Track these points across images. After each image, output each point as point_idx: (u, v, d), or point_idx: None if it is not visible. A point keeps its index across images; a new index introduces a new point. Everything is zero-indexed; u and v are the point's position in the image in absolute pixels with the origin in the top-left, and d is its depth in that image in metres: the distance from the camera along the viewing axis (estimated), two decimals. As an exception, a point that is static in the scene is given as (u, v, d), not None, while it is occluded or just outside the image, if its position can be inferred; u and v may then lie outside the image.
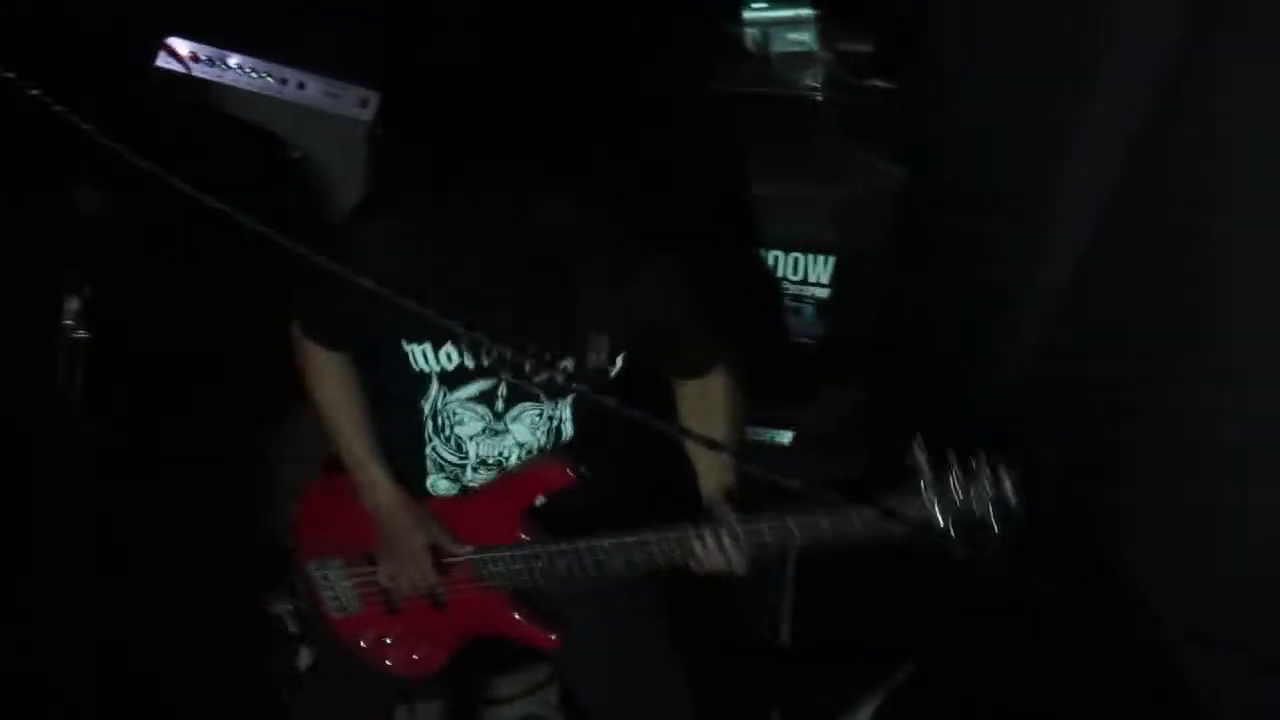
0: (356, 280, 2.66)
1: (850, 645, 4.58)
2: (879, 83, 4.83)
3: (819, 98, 4.80)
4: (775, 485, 2.59)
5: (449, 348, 3.51)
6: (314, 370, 3.74)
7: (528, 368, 3.56)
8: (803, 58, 4.85)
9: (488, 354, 3.52)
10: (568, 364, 3.53)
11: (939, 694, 4.40)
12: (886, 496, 3.22)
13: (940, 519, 3.17)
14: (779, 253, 4.68)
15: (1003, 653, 4.26)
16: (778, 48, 4.88)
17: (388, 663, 3.92)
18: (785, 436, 4.50)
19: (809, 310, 4.74)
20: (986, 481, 3.14)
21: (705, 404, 3.75)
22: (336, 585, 3.91)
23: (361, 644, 3.92)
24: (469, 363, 3.52)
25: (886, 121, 4.78)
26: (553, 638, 3.78)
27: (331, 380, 3.73)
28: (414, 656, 3.91)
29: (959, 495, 3.15)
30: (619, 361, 3.57)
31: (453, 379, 3.61)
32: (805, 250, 4.67)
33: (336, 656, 4.03)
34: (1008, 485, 3.13)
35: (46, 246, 4.19)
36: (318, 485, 4.00)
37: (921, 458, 3.17)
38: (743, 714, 4.57)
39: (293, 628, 4.58)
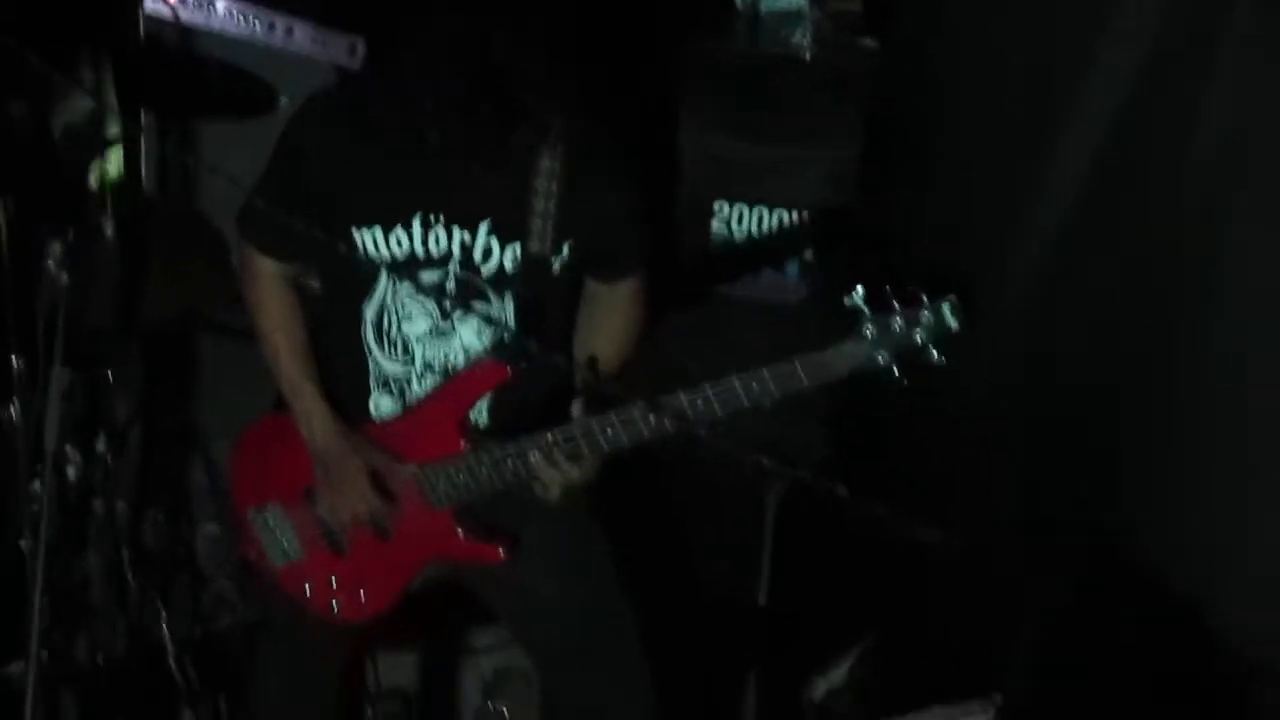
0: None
1: (825, 607, 4.64)
2: (868, 42, 4.85)
3: (806, 56, 4.80)
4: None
5: (399, 232, 3.56)
6: (258, 292, 3.81)
7: (476, 256, 3.62)
8: (792, 16, 4.86)
9: (436, 240, 3.58)
10: (514, 249, 3.60)
11: (908, 654, 4.45)
12: (831, 340, 3.31)
13: (881, 354, 3.28)
14: (762, 209, 4.72)
15: (966, 616, 4.28)
16: (767, 7, 4.91)
17: (334, 606, 3.91)
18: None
19: (793, 269, 4.78)
20: (925, 311, 3.25)
21: (607, 315, 3.83)
22: (277, 530, 3.92)
23: (308, 592, 3.92)
24: (419, 250, 3.57)
25: (874, 79, 4.78)
26: (499, 551, 3.77)
27: (275, 301, 3.79)
28: (361, 596, 3.90)
29: (899, 328, 3.26)
30: (564, 251, 3.62)
31: (403, 268, 3.65)
32: (788, 207, 4.72)
33: (285, 621, 4.05)
34: (946, 310, 3.25)
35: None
36: (252, 430, 4.03)
37: (860, 298, 3.26)
38: (721, 673, 4.66)
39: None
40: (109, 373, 4.39)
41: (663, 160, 4.67)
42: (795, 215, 4.74)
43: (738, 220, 4.76)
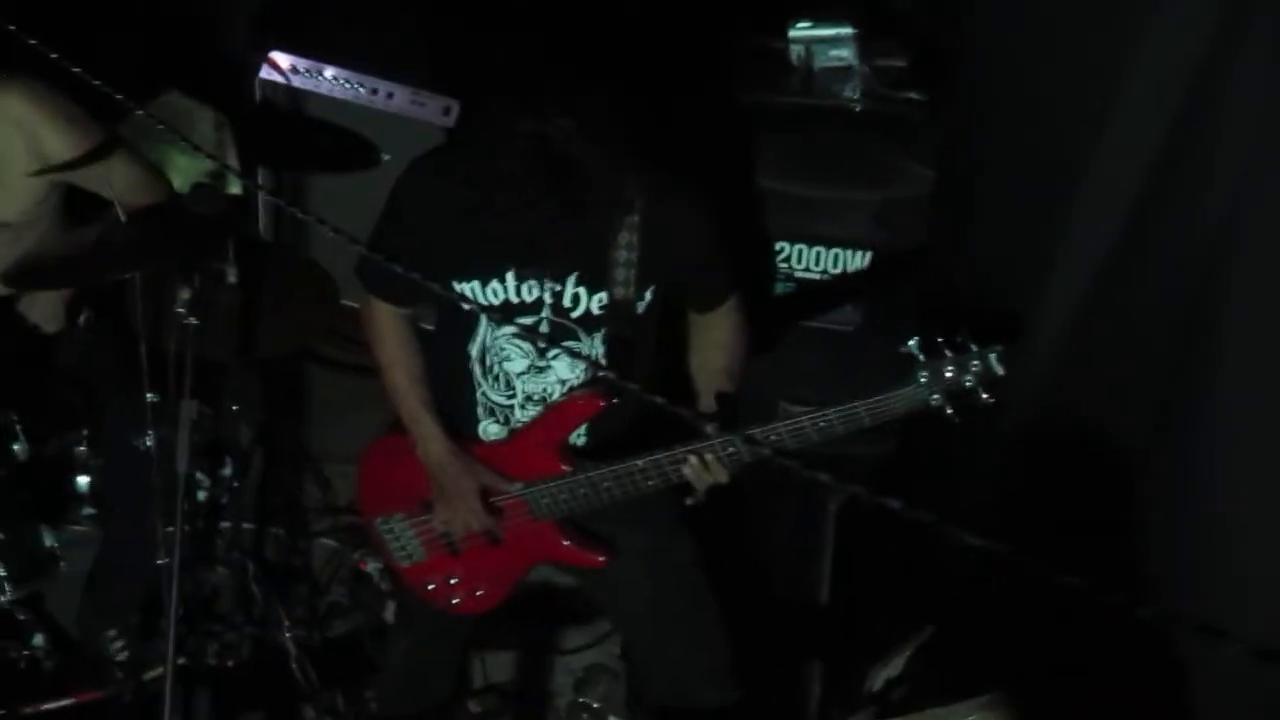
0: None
1: (883, 603, 4.73)
2: (912, 94, 4.96)
3: (857, 108, 4.93)
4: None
5: (495, 284, 3.78)
6: (378, 330, 4.04)
7: (565, 302, 3.84)
8: (842, 71, 4.99)
9: (528, 290, 3.78)
10: (600, 297, 3.83)
11: (962, 651, 4.46)
12: (888, 384, 3.54)
13: (935, 397, 3.51)
14: (820, 248, 4.88)
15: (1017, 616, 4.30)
16: (820, 63, 5.01)
17: (454, 601, 4.19)
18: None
19: (846, 301, 4.95)
20: (975, 359, 3.47)
21: (712, 334, 4.04)
22: (401, 536, 4.19)
23: (429, 588, 4.19)
24: (513, 298, 3.78)
25: (919, 129, 4.90)
26: (600, 558, 4.04)
27: (392, 339, 4.02)
28: (478, 593, 4.18)
29: (951, 374, 3.48)
30: (647, 295, 3.85)
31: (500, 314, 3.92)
32: (844, 246, 4.86)
33: (413, 605, 4.32)
34: (992, 359, 3.47)
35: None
36: (375, 447, 4.27)
37: (915, 346, 3.50)
38: (789, 663, 4.76)
39: (382, 584, 4.89)
40: (232, 404, 4.54)
41: (730, 203, 4.51)
42: (848, 253, 4.88)
43: (797, 258, 4.91)
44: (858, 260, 4.89)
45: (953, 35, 5.09)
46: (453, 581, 4.19)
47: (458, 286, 3.83)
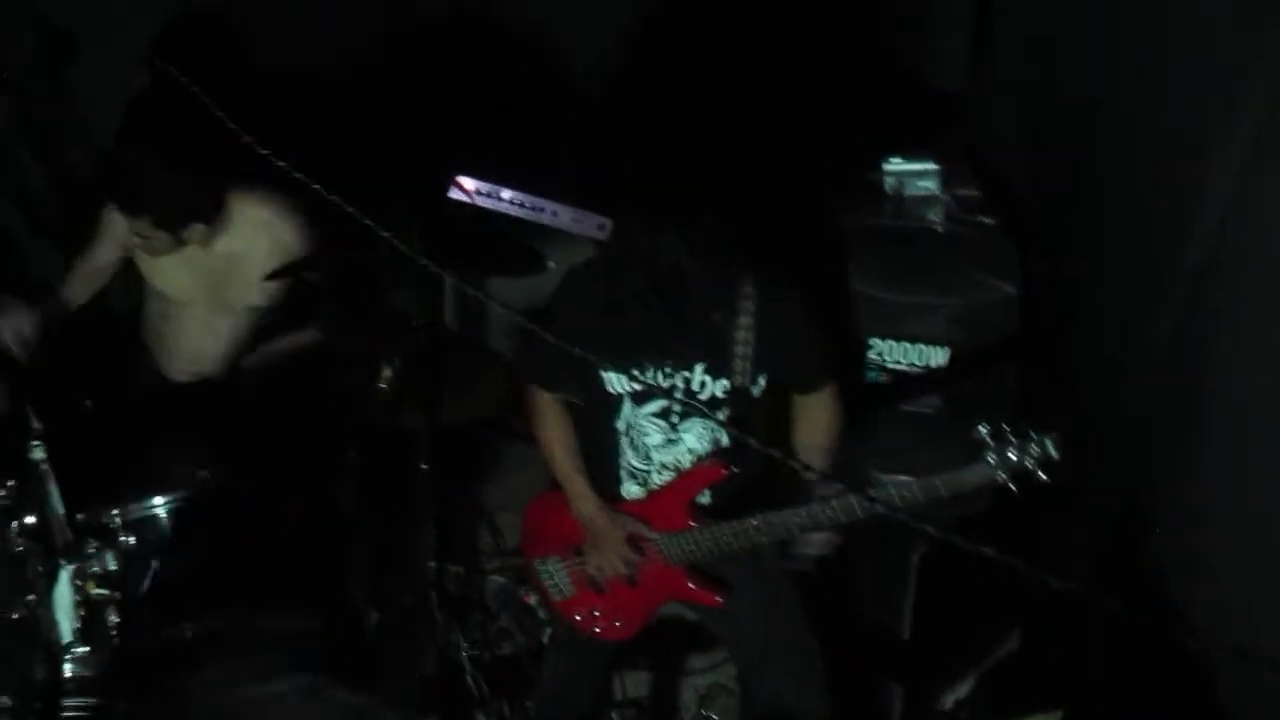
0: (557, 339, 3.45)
1: (963, 633, 5.07)
2: (985, 219, 5.31)
3: (940, 229, 5.28)
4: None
5: (634, 372, 4.16)
6: (538, 412, 4.44)
7: (694, 387, 4.19)
8: (928, 199, 5.34)
9: (658, 386, 4.18)
10: (723, 383, 4.19)
11: (1023, 674, 4.91)
12: (961, 462, 3.91)
13: (1000, 475, 3.83)
14: (906, 343, 5.13)
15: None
16: (909, 191, 5.35)
17: (597, 630, 4.55)
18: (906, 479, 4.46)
19: (927, 389, 5.18)
20: (1034, 445, 3.80)
21: (812, 414, 4.40)
22: (555, 575, 4.58)
23: (577, 618, 4.56)
24: (650, 383, 4.16)
25: (992, 246, 5.20)
26: (718, 599, 4.37)
27: (550, 419, 4.43)
28: (616, 624, 4.54)
29: (1015, 457, 3.82)
30: (761, 381, 4.22)
31: (639, 397, 4.25)
32: (926, 343, 5.11)
33: (565, 632, 4.67)
34: (1049, 445, 3.80)
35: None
36: (535, 502, 4.68)
37: (985, 433, 3.85)
38: (871, 689, 5.07)
39: (541, 613, 5.22)
40: (422, 463, 4.77)
41: (831, 306, 4.92)
42: (930, 348, 5.14)
43: (888, 352, 5.17)
44: (938, 355, 5.12)
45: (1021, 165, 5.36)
46: (596, 614, 4.55)
47: (603, 375, 4.24)
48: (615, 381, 4.25)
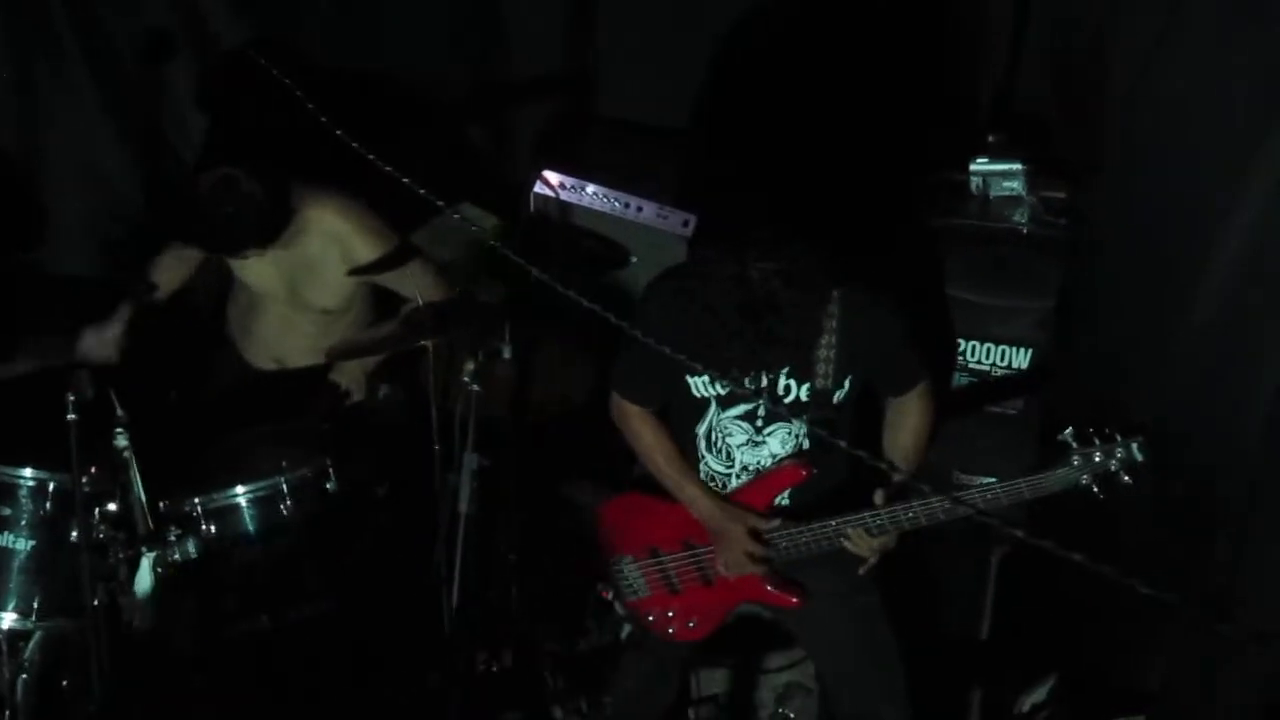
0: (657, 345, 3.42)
1: (1040, 637, 5.13)
2: (1071, 221, 5.23)
3: (1025, 230, 5.23)
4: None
5: (720, 379, 4.16)
6: (632, 426, 4.45)
7: (779, 391, 4.21)
8: (1014, 200, 5.28)
9: (748, 387, 4.17)
10: (807, 387, 4.21)
11: (1098, 680, 4.94)
12: (1045, 466, 3.95)
13: (1084, 477, 3.87)
14: (990, 345, 5.18)
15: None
16: (995, 193, 5.29)
17: (670, 631, 4.55)
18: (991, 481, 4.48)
19: (1011, 390, 5.20)
20: (1119, 448, 3.85)
21: (904, 415, 4.38)
22: (630, 576, 4.58)
23: (650, 619, 4.57)
24: (737, 388, 4.17)
25: (1077, 249, 5.17)
26: (794, 600, 4.38)
27: (647, 431, 4.43)
28: (690, 625, 4.54)
29: (1099, 460, 3.86)
30: (846, 385, 4.21)
31: (725, 401, 4.28)
32: (1010, 344, 5.15)
33: (641, 630, 4.65)
34: (1134, 448, 3.85)
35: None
36: (611, 504, 4.66)
37: (1070, 436, 3.89)
38: (948, 691, 5.05)
39: (619, 610, 4.90)
40: (502, 456, 4.78)
41: (918, 307, 4.81)
42: (1014, 350, 5.17)
43: (971, 353, 5.22)
44: (1021, 357, 5.17)
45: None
46: (670, 614, 4.56)
47: (690, 381, 4.27)
48: (701, 386, 4.27)
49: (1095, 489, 3.89)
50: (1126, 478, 3.87)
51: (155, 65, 6.12)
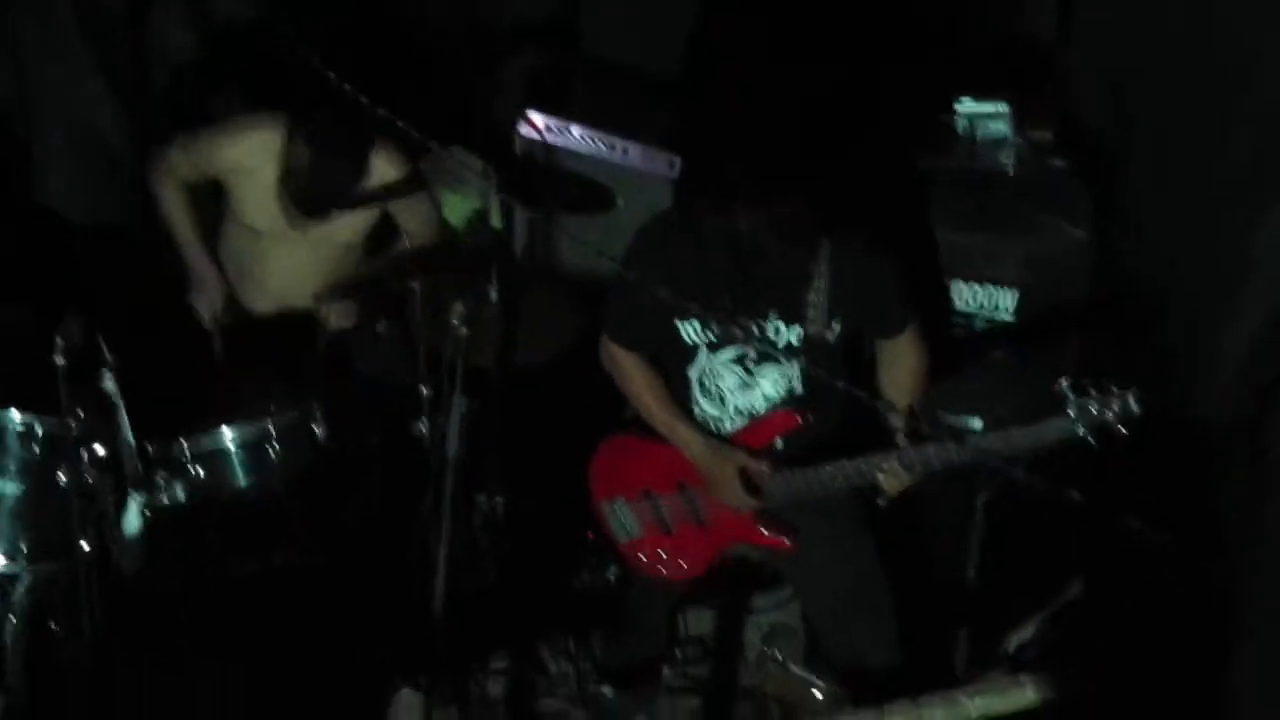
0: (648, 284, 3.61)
1: (1022, 581, 5.08)
2: (1058, 162, 5.27)
3: (1011, 172, 5.25)
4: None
5: (710, 322, 4.24)
6: (623, 370, 4.53)
7: (769, 334, 4.25)
8: (1000, 141, 5.29)
9: (739, 328, 4.23)
10: (796, 329, 4.27)
11: (1093, 618, 4.89)
12: (1042, 417, 3.96)
13: (1080, 428, 3.89)
14: (975, 285, 5.19)
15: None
16: (980, 134, 5.31)
17: (662, 570, 4.64)
18: (976, 422, 4.90)
19: (996, 331, 5.19)
20: (1116, 399, 3.86)
21: (897, 357, 4.43)
22: (623, 517, 4.65)
23: (641, 559, 4.65)
24: (726, 333, 4.21)
25: (1064, 191, 5.18)
26: (787, 542, 4.44)
27: (637, 375, 4.50)
28: (682, 565, 4.63)
29: (1096, 410, 3.87)
30: (836, 327, 4.27)
31: (715, 345, 4.34)
32: (994, 284, 5.16)
33: (631, 572, 4.77)
34: (1130, 400, 3.86)
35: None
36: (605, 445, 4.72)
37: (1066, 386, 3.90)
38: (940, 630, 5.09)
39: (607, 554, 5.15)
40: (486, 400, 4.70)
41: (905, 248, 4.74)
42: (1000, 290, 5.17)
43: (956, 294, 5.23)
44: (1007, 298, 5.16)
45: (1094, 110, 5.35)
46: (662, 555, 4.63)
47: (679, 325, 4.36)
48: (690, 331, 4.32)
49: (1091, 440, 3.91)
50: (1123, 429, 3.88)
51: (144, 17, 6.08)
